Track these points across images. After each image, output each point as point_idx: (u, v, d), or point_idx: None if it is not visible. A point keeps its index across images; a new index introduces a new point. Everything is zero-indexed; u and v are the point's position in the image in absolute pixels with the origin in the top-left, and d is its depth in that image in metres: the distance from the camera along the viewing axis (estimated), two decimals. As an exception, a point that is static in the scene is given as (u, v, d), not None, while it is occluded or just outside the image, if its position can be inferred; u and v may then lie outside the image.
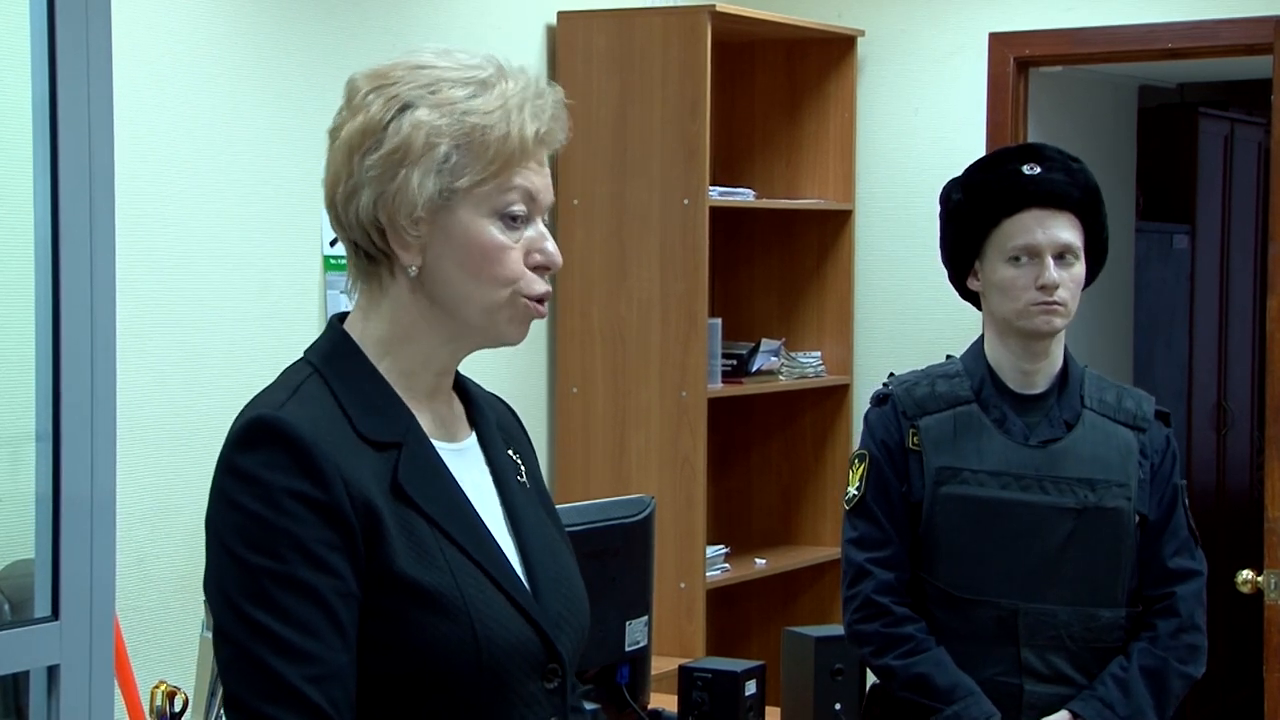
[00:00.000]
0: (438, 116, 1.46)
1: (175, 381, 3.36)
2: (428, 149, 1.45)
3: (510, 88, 1.48)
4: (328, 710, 1.39)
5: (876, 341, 4.57)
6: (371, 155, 1.46)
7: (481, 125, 1.46)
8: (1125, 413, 2.51)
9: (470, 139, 1.46)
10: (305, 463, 1.41)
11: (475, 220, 1.47)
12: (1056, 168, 2.45)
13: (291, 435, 1.41)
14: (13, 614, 2.11)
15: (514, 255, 1.49)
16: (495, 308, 1.49)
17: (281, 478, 1.40)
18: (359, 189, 1.47)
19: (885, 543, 2.47)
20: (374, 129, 1.47)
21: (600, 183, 4.18)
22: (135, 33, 3.25)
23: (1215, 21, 4.09)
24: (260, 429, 1.42)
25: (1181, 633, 2.47)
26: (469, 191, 1.47)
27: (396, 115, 1.46)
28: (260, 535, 1.40)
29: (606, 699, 2.70)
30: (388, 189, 1.46)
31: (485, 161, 1.47)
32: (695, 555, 4.15)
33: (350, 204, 1.48)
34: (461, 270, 1.48)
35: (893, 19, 4.53)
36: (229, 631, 1.41)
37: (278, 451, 1.41)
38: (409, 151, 1.46)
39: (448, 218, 1.47)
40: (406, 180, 1.46)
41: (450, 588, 1.44)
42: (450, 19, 3.99)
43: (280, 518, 1.40)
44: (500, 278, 1.48)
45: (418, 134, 1.45)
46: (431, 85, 1.47)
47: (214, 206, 3.46)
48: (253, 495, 1.40)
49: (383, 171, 1.46)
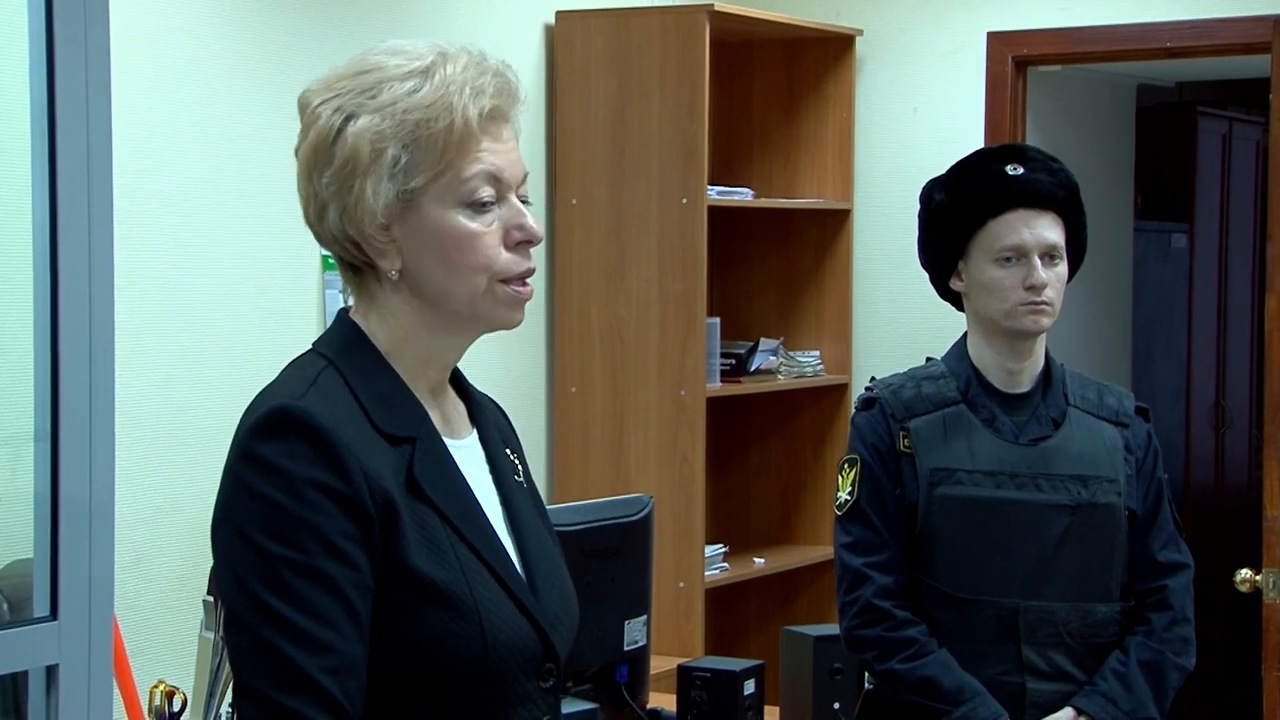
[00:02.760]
0: (379, 121, 1.45)
1: (174, 381, 3.36)
2: (375, 156, 1.45)
3: (451, 72, 1.47)
4: (342, 702, 1.38)
5: (875, 341, 4.57)
6: (326, 172, 1.47)
7: (424, 120, 1.45)
8: (1108, 409, 2.52)
9: (416, 136, 1.45)
10: (328, 454, 1.41)
11: (442, 214, 1.47)
12: (1039, 168, 2.46)
13: (314, 426, 1.41)
14: (11, 614, 2.11)
15: (487, 240, 1.48)
16: (478, 296, 1.49)
17: (304, 468, 1.40)
18: (325, 206, 1.48)
19: (881, 547, 2.47)
20: (323, 146, 1.47)
21: (598, 182, 4.18)
22: (134, 32, 3.25)
23: (1213, 21, 4.09)
24: (283, 418, 1.42)
25: (1175, 625, 2.49)
26: (427, 188, 1.46)
27: (341, 128, 1.46)
28: (281, 524, 1.39)
29: (605, 698, 2.70)
30: (347, 203, 1.47)
31: (435, 156, 1.46)
32: (694, 555, 4.15)
33: (323, 221, 1.49)
34: (438, 265, 1.48)
35: (891, 18, 4.53)
36: (244, 619, 1.40)
37: (300, 441, 1.41)
38: (358, 163, 1.45)
39: (414, 217, 1.47)
40: (362, 191, 1.46)
41: (461, 585, 1.44)
42: (449, 19, 3.99)
43: (302, 507, 1.39)
44: (476, 265, 1.48)
45: (362, 143, 1.45)
46: (372, 89, 1.46)
47: (212, 206, 3.46)
48: (274, 484, 1.40)
49: (340, 186, 1.47)
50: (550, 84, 4.24)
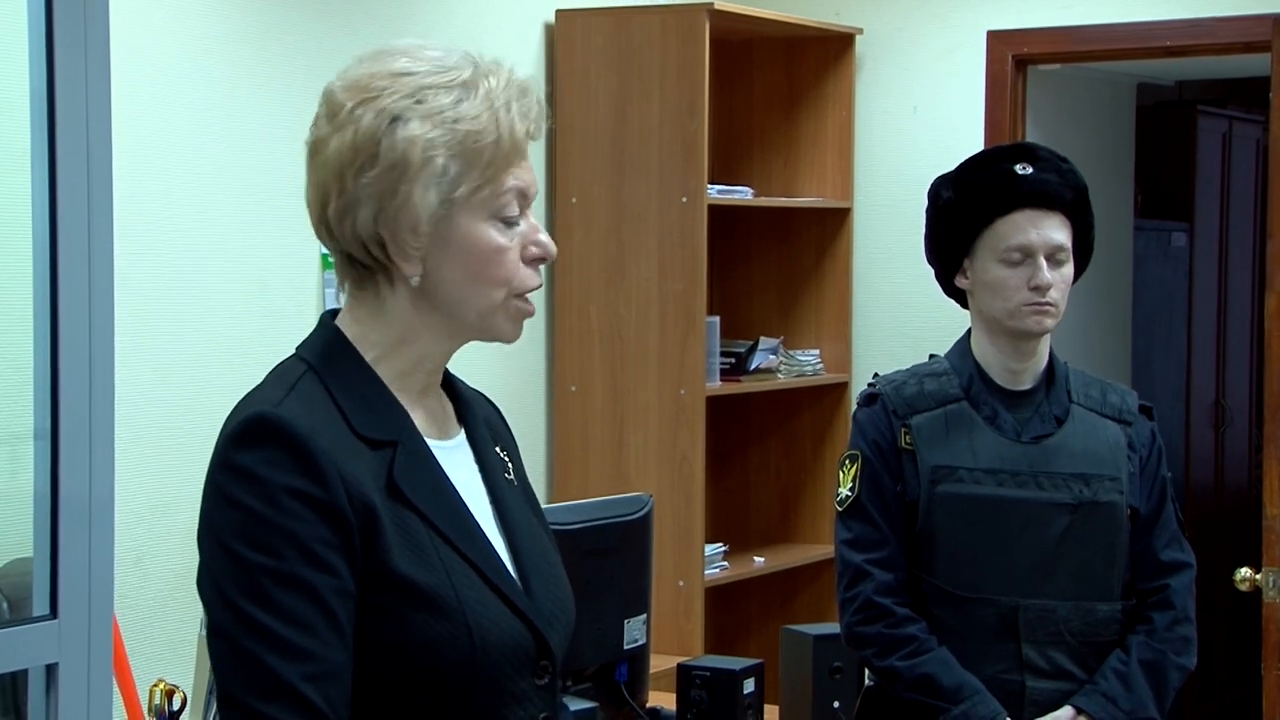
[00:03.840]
0: (430, 128, 1.45)
1: (174, 380, 3.36)
2: (425, 163, 1.45)
3: (493, 85, 1.48)
4: (324, 709, 1.38)
5: (875, 340, 4.57)
6: (367, 173, 1.46)
7: (473, 132, 1.46)
8: (1111, 407, 2.52)
9: (464, 147, 1.46)
10: (305, 461, 1.41)
11: (475, 225, 1.48)
12: (1048, 168, 2.45)
13: (291, 433, 1.41)
14: (11, 612, 2.11)
15: (512, 255, 1.49)
16: (492, 309, 1.50)
17: (281, 475, 1.40)
18: (355, 205, 1.47)
19: (882, 543, 2.47)
20: (366, 145, 1.46)
21: (598, 181, 4.18)
22: (134, 31, 3.25)
23: (1213, 19, 4.09)
24: (259, 426, 1.42)
25: (1176, 625, 2.48)
26: (468, 199, 1.47)
27: (388, 130, 1.45)
28: (259, 533, 1.39)
29: (605, 697, 2.70)
30: (388, 206, 1.46)
31: (480, 168, 1.47)
32: (694, 553, 4.15)
33: (345, 220, 1.48)
34: (462, 276, 1.48)
35: (891, 17, 4.53)
36: (225, 628, 1.40)
37: (277, 449, 1.41)
38: (407, 167, 1.45)
39: (447, 227, 1.47)
40: (408, 196, 1.45)
41: (445, 587, 1.44)
42: (449, 17, 3.99)
43: (279, 515, 1.39)
44: (499, 279, 1.49)
45: (413, 149, 1.45)
46: (416, 94, 1.46)
47: (213, 205, 3.46)
48: (252, 493, 1.40)
49: (383, 189, 1.46)
50: (550, 83, 4.23)
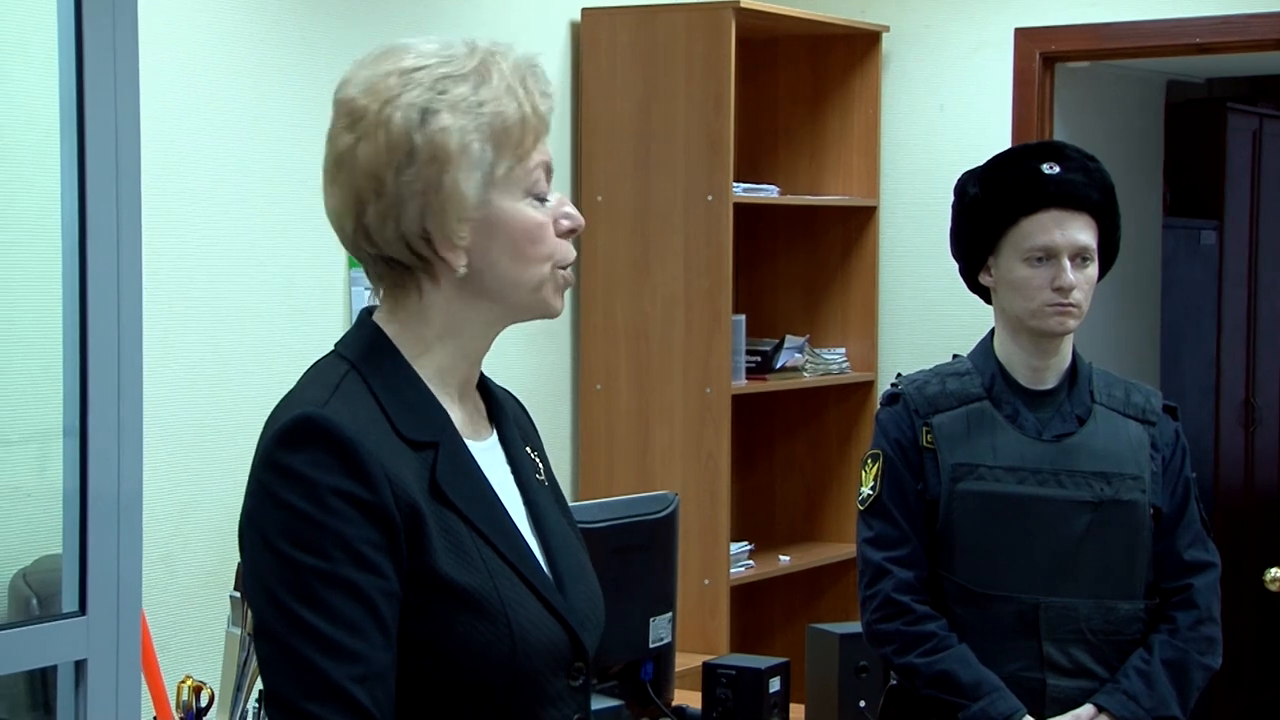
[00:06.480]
0: (459, 116, 1.46)
1: (201, 378, 3.37)
2: (463, 150, 1.46)
3: (504, 66, 1.49)
4: (371, 710, 1.39)
5: (901, 338, 4.56)
6: (407, 170, 1.46)
7: (500, 114, 1.47)
8: (1134, 407, 2.51)
9: (494, 130, 1.47)
10: (352, 462, 1.41)
11: (514, 205, 1.49)
12: (1075, 167, 2.44)
13: (338, 435, 1.42)
14: (40, 609, 2.12)
15: (550, 229, 1.51)
16: (541, 284, 1.51)
17: (328, 477, 1.40)
18: (398, 205, 1.47)
19: (903, 541, 2.47)
20: (401, 143, 1.46)
21: (624, 179, 4.18)
22: (162, 32, 3.27)
23: (1244, 16, 4.07)
24: (306, 427, 1.43)
25: (1200, 624, 2.47)
26: (505, 180, 1.48)
27: (420, 125, 1.46)
28: (307, 534, 1.40)
29: (631, 695, 2.70)
30: (434, 199, 1.46)
31: (511, 148, 1.48)
32: (719, 552, 4.15)
33: (387, 222, 1.47)
34: (510, 257, 1.49)
35: (917, 14, 4.52)
36: (273, 629, 1.41)
37: (324, 451, 1.41)
38: (448, 158, 1.46)
39: (489, 211, 1.48)
40: (455, 185, 1.46)
41: (488, 589, 1.45)
42: (474, 15, 4.00)
43: (328, 517, 1.40)
44: (543, 255, 1.50)
45: (449, 139, 1.46)
46: (436, 86, 1.47)
47: (240, 204, 3.47)
48: (299, 494, 1.41)
49: (426, 183, 1.46)
50: (576, 81, 4.24)
